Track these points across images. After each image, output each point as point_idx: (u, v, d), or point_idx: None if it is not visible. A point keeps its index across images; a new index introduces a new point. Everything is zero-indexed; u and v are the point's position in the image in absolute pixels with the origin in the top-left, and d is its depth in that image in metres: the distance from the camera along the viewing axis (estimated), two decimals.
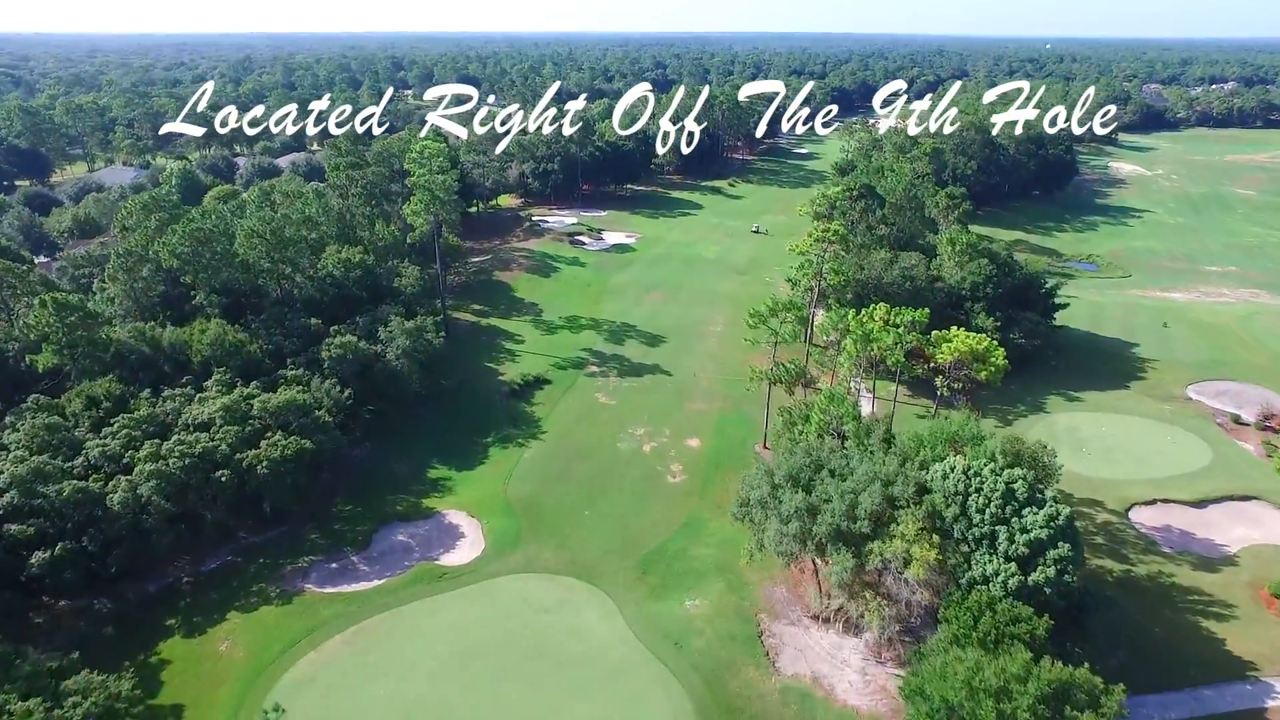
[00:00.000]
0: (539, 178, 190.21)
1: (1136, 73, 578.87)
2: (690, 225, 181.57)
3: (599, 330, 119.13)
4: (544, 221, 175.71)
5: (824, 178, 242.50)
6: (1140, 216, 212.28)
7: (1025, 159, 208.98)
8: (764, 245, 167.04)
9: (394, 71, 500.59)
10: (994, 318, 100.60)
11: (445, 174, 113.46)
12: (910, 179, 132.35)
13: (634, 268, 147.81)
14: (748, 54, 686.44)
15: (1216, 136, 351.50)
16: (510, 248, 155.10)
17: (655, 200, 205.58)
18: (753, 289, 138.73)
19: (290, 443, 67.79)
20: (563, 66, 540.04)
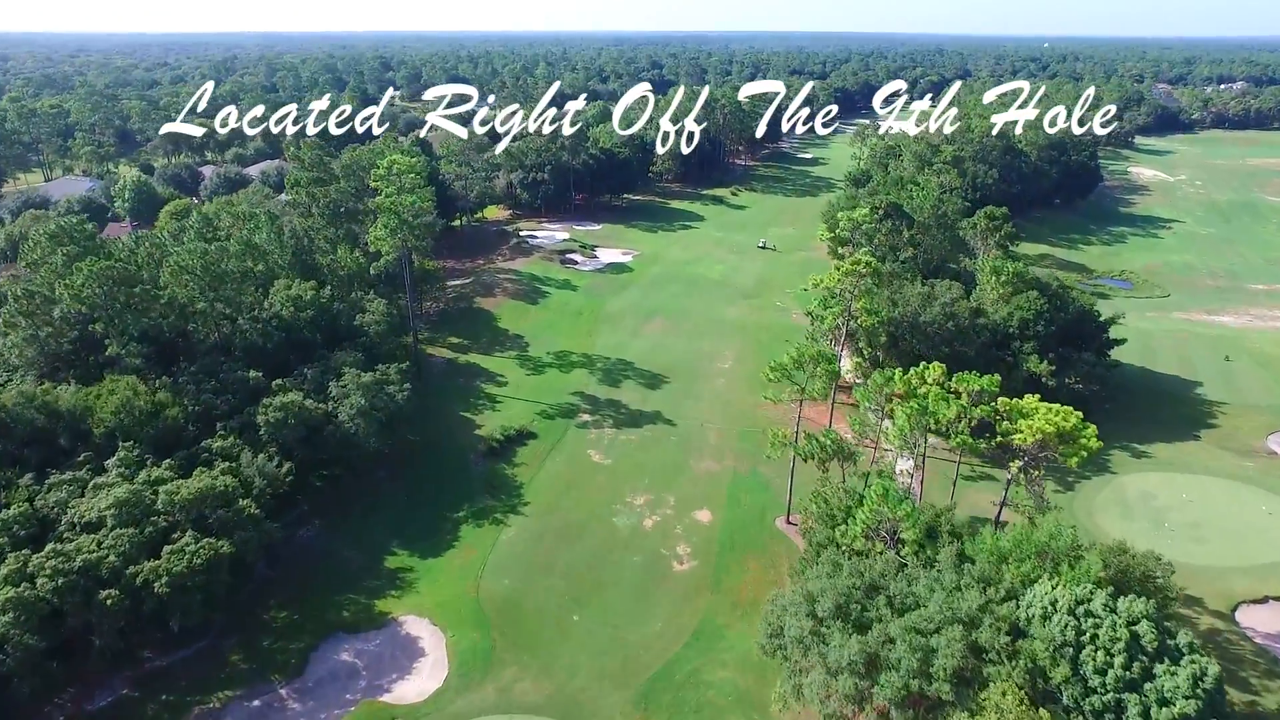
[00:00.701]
0: (528, 188, 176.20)
1: (1143, 72, 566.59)
2: (692, 240, 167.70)
3: (592, 368, 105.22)
4: (533, 237, 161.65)
5: (832, 185, 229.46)
6: (1169, 227, 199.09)
7: (1047, 166, 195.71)
8: (772, 263, 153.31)
9: (382, 72, 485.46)
10: (1047, 360, 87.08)
11: (416, 193, 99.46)
12: (937, 194, 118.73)
13: (631, 291, 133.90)
14: (746, 53, 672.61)
15: (1234, 139, 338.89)
16: (495, 268, 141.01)
17: (653, 211, 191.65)
18: (763, 315, 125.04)
19: (202, 547, 53.80)
20: (557, 66, 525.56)
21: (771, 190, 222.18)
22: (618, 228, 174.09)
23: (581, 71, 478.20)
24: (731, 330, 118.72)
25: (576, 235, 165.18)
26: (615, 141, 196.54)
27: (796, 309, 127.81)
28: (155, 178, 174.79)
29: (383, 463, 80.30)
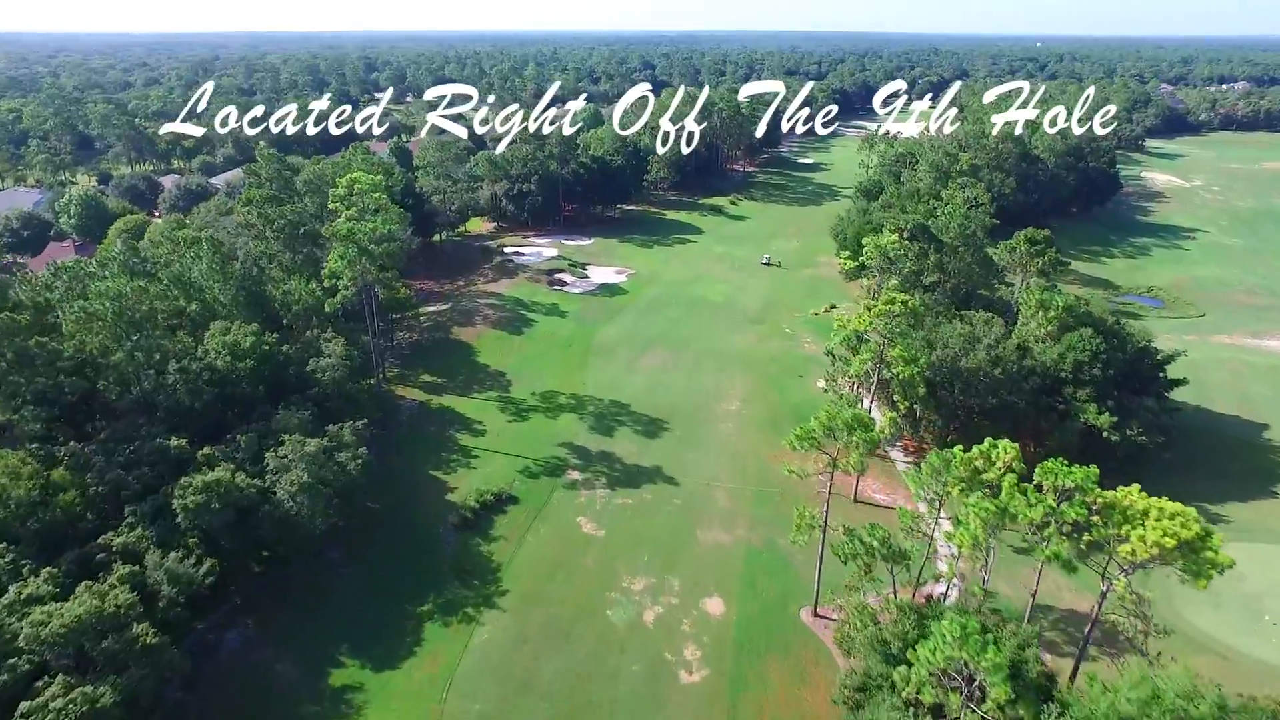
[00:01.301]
0: (514, 200, 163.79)
1: (1142, 72, 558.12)
2: (690, 256, 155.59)
3: (582, 412, 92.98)
4: (518, 254, 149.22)
5: (836, 194, 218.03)
6: (1193, 237, 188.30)
7: (1064, 174, 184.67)
8: (778, 282, 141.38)
9: (366, 73, 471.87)
10: (1105, 409, 75.45)
11: (381, 215, 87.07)
12: (964, 211, 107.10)
13: (625, 316, 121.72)
14: (740, 53, 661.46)
15: (1243, 141, 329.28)
16: (476, 291, 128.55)
17: (648, 223, 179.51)
18: (772, 344, 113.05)
19: (73, 700, 41.34)
20: (546, 67, 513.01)
21: (772, 199, 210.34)
22: (610, 242, 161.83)
23: (572, 72, 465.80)
24: (737, 363, 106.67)
25: (566, 252, 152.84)
26: (607, 148, 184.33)
27: (808, 336, 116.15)
28: (110, 189, 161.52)
29: (335, 540, 67.91)
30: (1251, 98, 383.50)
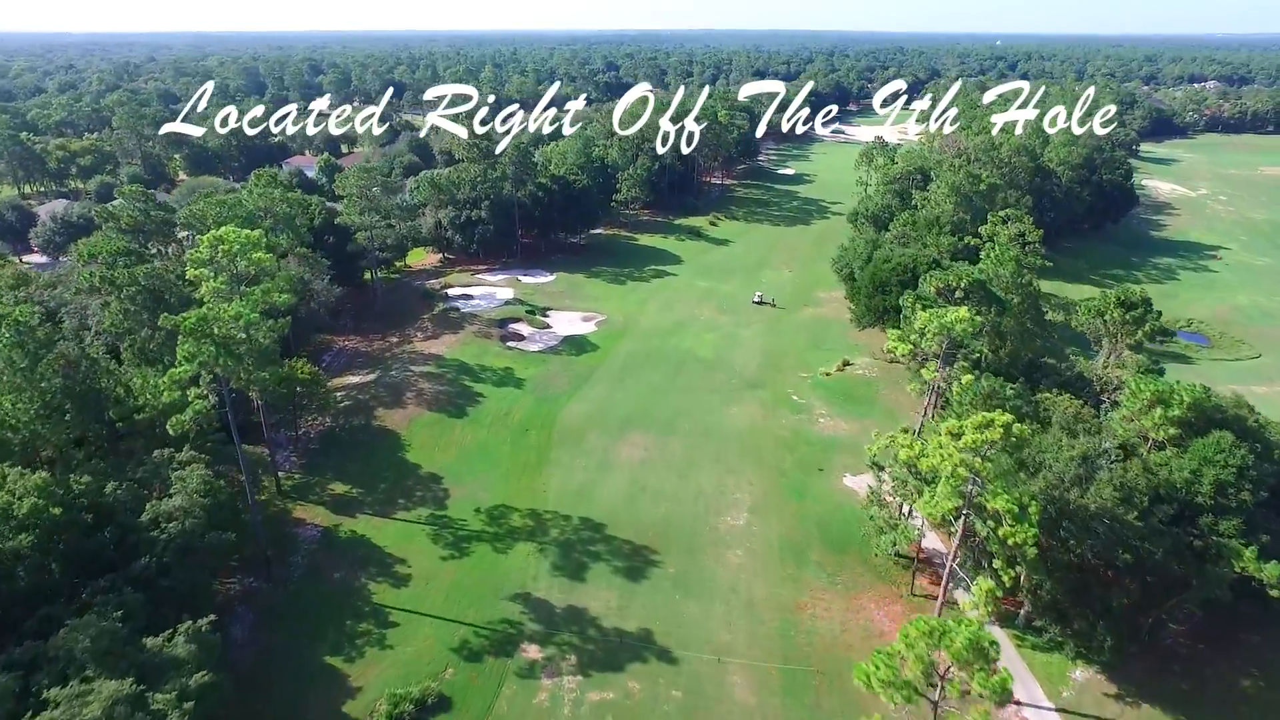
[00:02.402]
0: (461, 229, 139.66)
1: (1113, 71, 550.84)
2: (670, 294, 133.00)
3: (543, 540, 69.84)
4: (466, 299, 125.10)
5: (824, 209, 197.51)
6: (1217, 255, 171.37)
7: (1078, 188, 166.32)
8: (775, 326, 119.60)
9: (310, 76, 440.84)
10: (1256, 546, 54.65)
11: (258, 288, 62.87)
12: (1016, 254, 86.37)
13: (596, 384, 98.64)
14: (705, 54, 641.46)
15: (1233, 144, 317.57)
16: (411, 353, 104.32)
17: (619, 252, 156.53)
18: (779, 419, 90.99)
19: None
20: (505, 69, 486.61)
21: (756, 217, 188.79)
22: (576, 278, 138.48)
23: (531, 74, 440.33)
24: (740, 450, 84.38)
25: (523, 292, 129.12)
26: (570, 165, 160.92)
27: (821, 405, 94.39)
28: None
29: None
30: (1238, 98, 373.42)
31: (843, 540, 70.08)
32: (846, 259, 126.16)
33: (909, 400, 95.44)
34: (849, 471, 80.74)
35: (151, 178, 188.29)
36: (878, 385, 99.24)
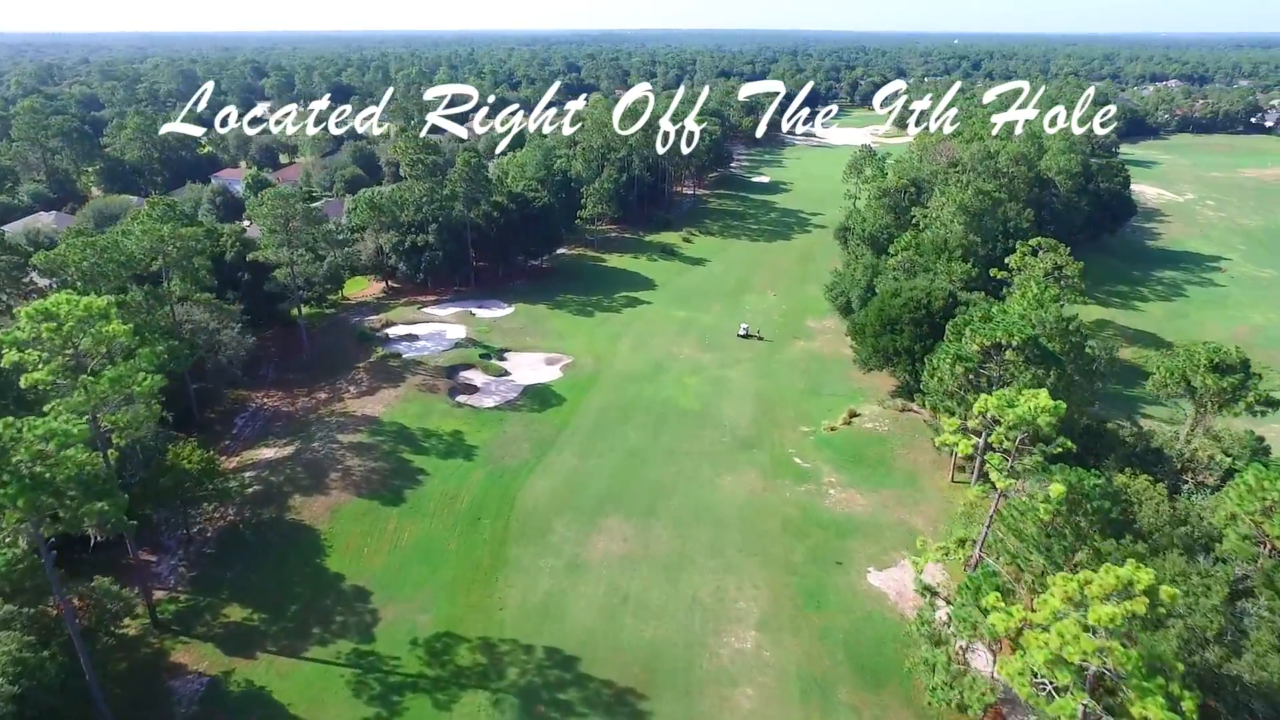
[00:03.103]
0: (406, 256, 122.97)
1: (1076, 70, 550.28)
2: (645, 327, 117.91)
3: (498, 687, 54.11)
4: (410, 340, 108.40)
5: (805, 221, 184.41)
6: (1219, 267, 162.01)
7: (1077, 197, 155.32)
8: (765, 365, 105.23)
9: (254, 78, 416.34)
10: None
11: (108, 373, 46.20)
12: (1056, 293, 73.18)
13: (563, 451, 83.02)
14: (668, 54, 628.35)
15: (1207, 145, 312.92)
16: (340, 415, 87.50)
17: (586, 276, 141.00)
18: (783, 493, 76.44)
19: None
20: (461, 70, 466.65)
21: (732, 231, 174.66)
22: (538, 309, 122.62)
23: (489, 76, 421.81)
24: (740, 536, 69.62)
25: (477, 330, 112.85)
26: (529, 180, 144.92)
27: (830, 470, 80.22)
28: None
29: None
30: (1203, 97, 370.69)
31: (878, 669, 55.68)
32: (842, 286, 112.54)
33: (928, 460, 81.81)
34: (873, 564, 66.51)
35: (57, 195, 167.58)
36: (891, 443, 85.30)
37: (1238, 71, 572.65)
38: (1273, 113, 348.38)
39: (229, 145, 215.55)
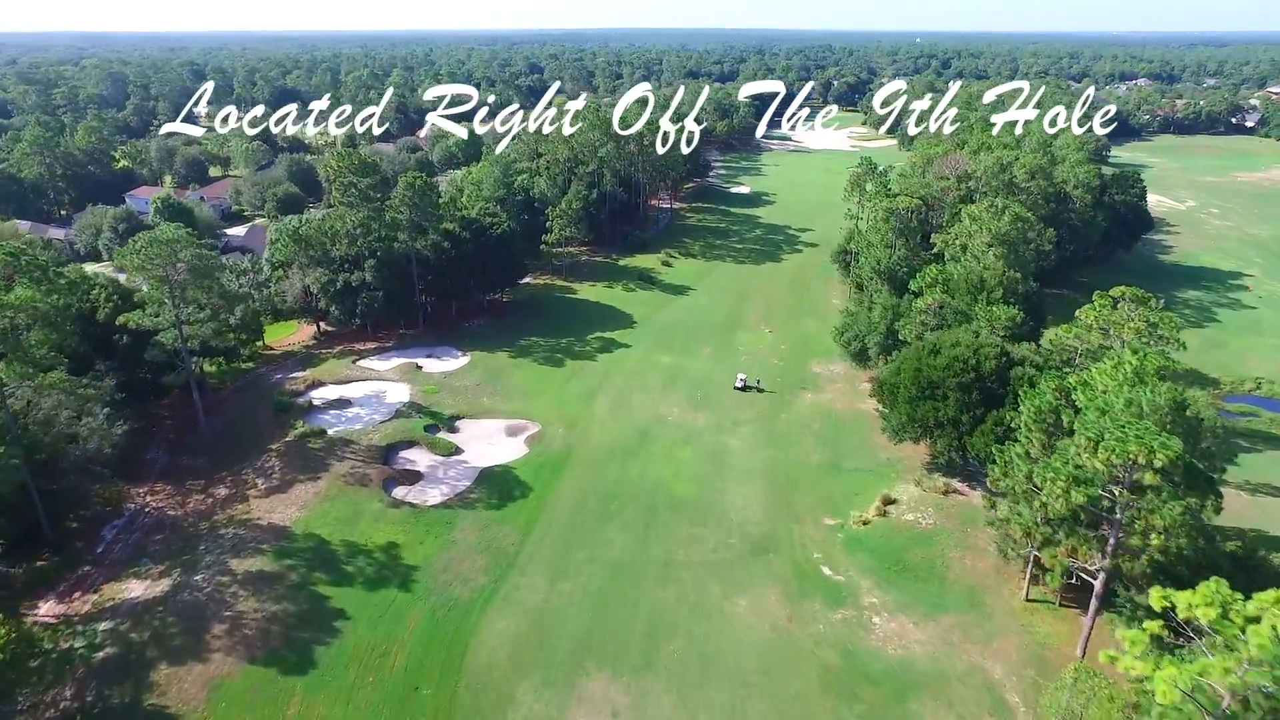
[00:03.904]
0: (338, 299, 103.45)
1: (1046, 69, 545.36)
2: (625, 379, 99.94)
3: None
4: (340, 408, 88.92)
5: (794, 239, 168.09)
6: (1243, 285, 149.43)
7: (1093, 212, 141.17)
8: (771, 428, 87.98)
9: (193, 82, 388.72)
10: None
11: None
12: (1160, 363, 57.26)
13: (530, 571, 64.56)
14: (633, 54, 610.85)
15: (1192, 146, 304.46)
16: (239, 526, 67.96)
17: (554, 311, 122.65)
18: (814, 627, 59.07)
19: None
20: (416, 72, 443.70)
21: (715, 253, 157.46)
22: (498, 359, 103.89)
23: (446, 78, 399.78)
24: (765, 706, 52.07)
25: (424, 391, 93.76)
26: (486, 201, 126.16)
27: (869, 587, 63.02)
28: None
29: None
30: (1177, 97, 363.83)
31: None
32: (856, 330, 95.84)
33: (988, 566, 65.27)
34: None
35: None
36: (940, 541, 68.55)
37: (1203, 70, 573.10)
38: (1254, 113, 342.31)
39: (150, 159, 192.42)
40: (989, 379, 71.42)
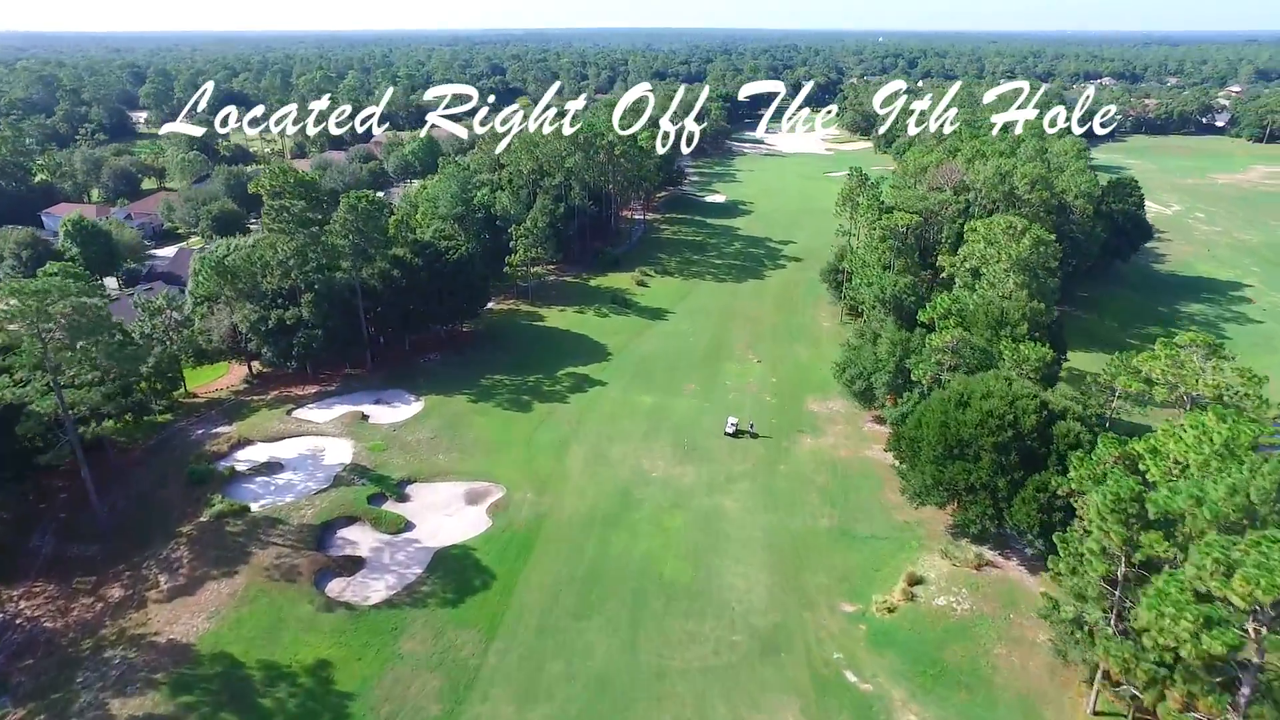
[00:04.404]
0: (270, 338, 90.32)
1: (1012, 68, 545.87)
2: (602, 425, 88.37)
3: None
4: (268, 474, 75.88)
5: (775, 253, 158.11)
6: (1245, 296, 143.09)
7: (1092, 222, 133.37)
8: (770, 485, 77.19)
9: (134, 85, 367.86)
10: None
11: None
12: (1254, 438, 47.38)
13: (490, 695, 52.52)
14: (598, 54, 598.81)
15: (1166, 147, 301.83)
16: (127, 649, 54.90)
17: (520, 342, 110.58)
18: None
19: None
20: (372, 74, 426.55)
21: (693, 269, 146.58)
22: (456, 404, 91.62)
23: (404, 80, 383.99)
24: None
25: (369, 448, 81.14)
26: (442, 220, 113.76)
27: (903, 699, 52.32)
28: None
29: None
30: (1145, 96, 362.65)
31: None
32: (860, 366, 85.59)
33: (1040, 664, 55.09)
34: None
35: None
36: (980, 633, 58.20)
37: (1164, 69, 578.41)
38: (1224, 113, 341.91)
39: (74, 171, 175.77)
40: (1029, 436, 61.41)
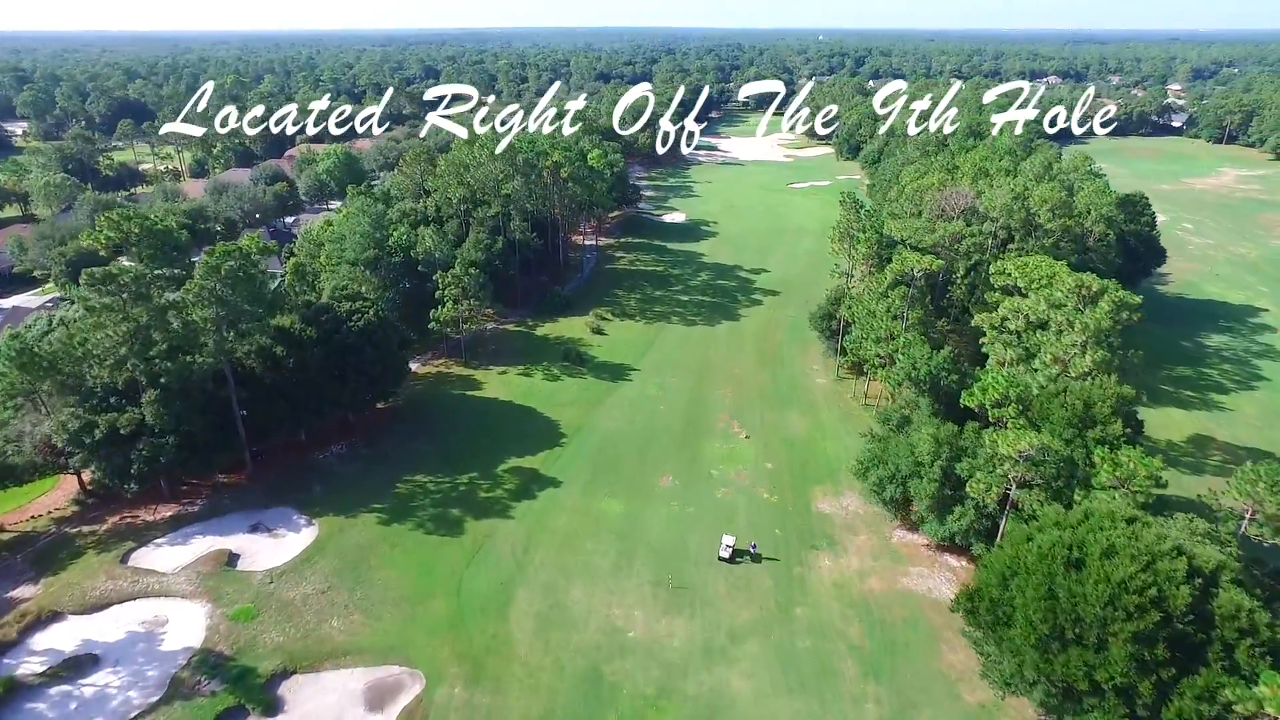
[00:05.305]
0: (100, 450, 66.07)
1: (959, 67, 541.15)
2: (555, 553, 66.85)
3: None
4: (72, 677, 52.13)
5: (748, 286, 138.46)
6: (1268, 325, 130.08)
7: (1109, 248, 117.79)
8: (790, 646, 57.09)
9: (14, 91, 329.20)
10: None
11: None
12: None
13: None
14: (538, 54, 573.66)
15: (1130, 149, 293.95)
16: None
17: (447, 425, 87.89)
18: None
19: None
20: (293, 78, 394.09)
21: (656, 307, 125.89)
22: (360, 529, 68.86)
23: (328, 84, 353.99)
24: None
25: (229, 619, 57.95)
26: (345, 277, 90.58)
27: None
28: None
29: None
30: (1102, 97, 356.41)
31: None
32: (894, 468, 66.04)
33: None
34: None
35: None
36: None
37: (1105, 67, 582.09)
38: (1180, 113, 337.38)
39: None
40: (1181, 618, 42.53)
